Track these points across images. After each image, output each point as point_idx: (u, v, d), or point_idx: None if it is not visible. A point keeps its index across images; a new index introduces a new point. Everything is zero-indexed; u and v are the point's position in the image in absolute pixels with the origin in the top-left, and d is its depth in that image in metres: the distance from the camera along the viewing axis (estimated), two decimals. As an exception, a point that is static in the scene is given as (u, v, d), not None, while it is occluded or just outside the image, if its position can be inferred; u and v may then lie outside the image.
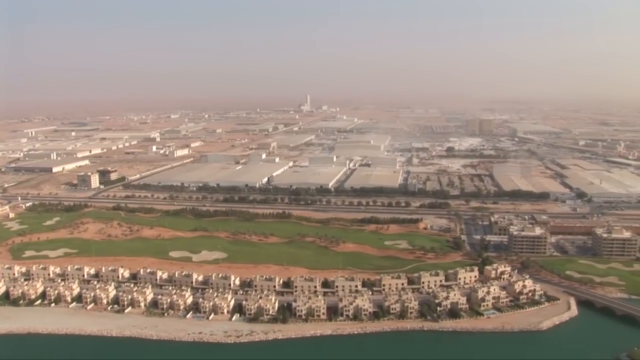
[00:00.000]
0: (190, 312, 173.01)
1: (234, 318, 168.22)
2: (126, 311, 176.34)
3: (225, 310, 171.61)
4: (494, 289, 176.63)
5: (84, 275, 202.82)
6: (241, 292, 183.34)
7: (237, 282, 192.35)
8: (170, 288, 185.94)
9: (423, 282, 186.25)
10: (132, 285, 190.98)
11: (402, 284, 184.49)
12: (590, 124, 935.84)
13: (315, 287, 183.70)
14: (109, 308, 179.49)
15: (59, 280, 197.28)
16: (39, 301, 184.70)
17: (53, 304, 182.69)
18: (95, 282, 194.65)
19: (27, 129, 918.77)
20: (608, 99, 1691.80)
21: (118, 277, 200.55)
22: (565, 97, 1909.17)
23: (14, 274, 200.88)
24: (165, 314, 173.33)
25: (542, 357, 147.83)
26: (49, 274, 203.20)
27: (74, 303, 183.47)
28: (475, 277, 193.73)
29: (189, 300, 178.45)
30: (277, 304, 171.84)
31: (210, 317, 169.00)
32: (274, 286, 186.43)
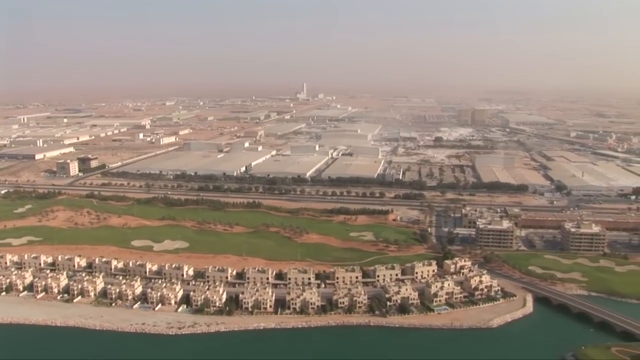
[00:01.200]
0: (138, 303, 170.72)
1: (180, 309, 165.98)
2: (75, 300, 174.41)
3: (173, 301, 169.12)
4: (448, 284, 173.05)
5: (40, 264, 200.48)
6: (193, 283, 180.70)
7: (191, 272, 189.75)
8: (120, 278, 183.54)
9: (378, 276, 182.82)
10: (83, 274, 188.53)
11: (356, 277, 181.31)
12: (586, 115, 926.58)
13: (268, 278, 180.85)
14: (58, 297, 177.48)
15: (13, 269, 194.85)
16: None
17: (4, 293, 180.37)
18: (48, 271, 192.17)
19: (21, 115, 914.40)
20: (611, 90, 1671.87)
21: (74, 266, 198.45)
22: (567, 87, 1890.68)
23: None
24: (113, 304, 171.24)
25: (486, 356, 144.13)
26: (5, 263, 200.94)
27: (25, 292, 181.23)
28: (434, 271, 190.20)
29: (138, 290, 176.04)
30: (224, 296, 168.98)
31: (157, 308, 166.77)
32: (227, 277, 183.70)
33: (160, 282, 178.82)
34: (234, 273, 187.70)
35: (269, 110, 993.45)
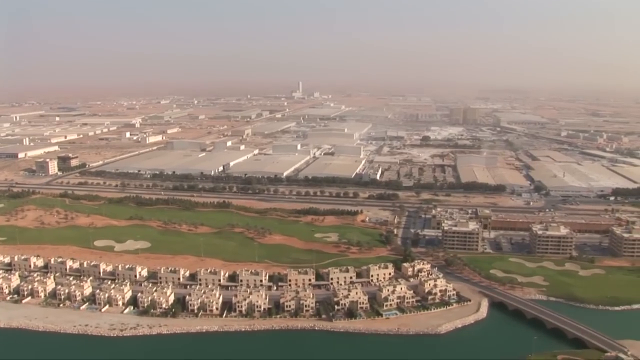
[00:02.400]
0: (86, 304, 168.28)
1: (126, 310, 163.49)
2: (24, 301, 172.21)
3: (120, 302, 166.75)
4: (401, 288, 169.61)
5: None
6: (145, 284, 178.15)
7: (144, 273, 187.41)
8: (71, 279, 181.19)
9: (332, 279, 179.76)
10: (36, 275, 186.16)
11: (309, 280, 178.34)
12: (581, 114, 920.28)
13: (220, 280, 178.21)
14: (8, 298, 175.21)
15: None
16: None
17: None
18: (1, 272, 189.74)
19: (15, 113, 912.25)
20: (610, 89, 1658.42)
21: (30, 266, 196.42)
22: (567, 86, 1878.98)
23: None
24: (61, 305, 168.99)
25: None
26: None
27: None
28: (390, 274, 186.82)
29: (88, 291, 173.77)
30: (172, 297, 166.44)
31: (103, 309, 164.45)
32: (179, 278, 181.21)
33: (109, 283, 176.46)
34: (187, 274, 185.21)
35: (262, 109, 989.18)
